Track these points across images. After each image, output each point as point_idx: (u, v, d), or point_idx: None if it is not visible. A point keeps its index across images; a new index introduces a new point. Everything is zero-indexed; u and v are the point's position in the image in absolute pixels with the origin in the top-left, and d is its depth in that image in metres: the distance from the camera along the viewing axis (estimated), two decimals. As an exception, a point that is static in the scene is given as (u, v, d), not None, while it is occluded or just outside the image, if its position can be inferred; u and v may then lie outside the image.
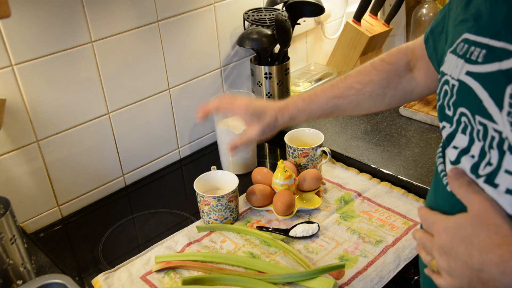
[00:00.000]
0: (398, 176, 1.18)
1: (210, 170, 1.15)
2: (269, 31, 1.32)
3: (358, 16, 1.61)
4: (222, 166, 1.29)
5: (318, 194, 1.16)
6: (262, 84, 1.40)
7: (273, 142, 1.43)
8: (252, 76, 1.42)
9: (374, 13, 1.66)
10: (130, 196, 1.28)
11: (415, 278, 1.00)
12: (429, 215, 0.62)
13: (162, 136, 1.34)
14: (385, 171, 1.21)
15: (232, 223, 1.10)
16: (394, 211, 1.09)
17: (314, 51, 1.71)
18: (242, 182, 1.14)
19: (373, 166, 1.23)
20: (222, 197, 1.05)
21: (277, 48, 1.39)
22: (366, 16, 1.64)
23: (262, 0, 1.45)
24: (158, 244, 1.05)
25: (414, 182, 1.16)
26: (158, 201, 1.24)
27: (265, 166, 1.32)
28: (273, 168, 1.26)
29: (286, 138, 1.24)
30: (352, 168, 1.26)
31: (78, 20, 1.07)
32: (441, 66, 0.78)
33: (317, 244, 1.02)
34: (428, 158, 1.24)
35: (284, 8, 1.36)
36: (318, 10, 1.38)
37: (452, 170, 0.59)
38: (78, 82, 1.12)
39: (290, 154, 1.22)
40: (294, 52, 1.62)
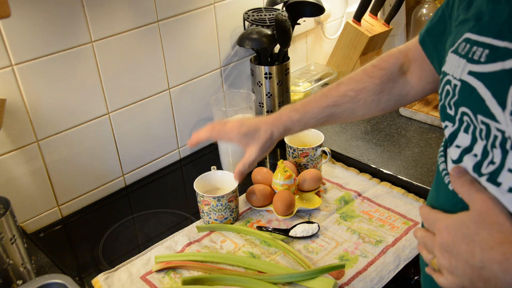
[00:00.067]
0: (398, 176, 1.18)
1: (210, 170, 1.15)
2: (269, 31, 1.32)
3: (358, 16, 1.61)
4: (222, 166, 1.29)
5: (318, 194, 1.16)
6: (262, 84, 1.40)
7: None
8: (252, 76, 1.42)
9: (374, 13, 1.66)
10: (130, 196, 1.28)
11: (415, 278, 1.00)
12: (430, 214, 0.62)
13: (162, 136, 1.34)
14: (385, 171, 1.21)
15: (232, 223, 1.10)
16: (394, 211, 1.09)
17: (314, 51, 1.71)
18: (242, 182, 1.13)
19: (373, 166, 1.23)
20: (222, 197, 1.05)
21: (277, 48, 1.39)
22: (366, 16, 1.64)
23: (262, 0, 1.45)
24: (158, 244, 1.05)
25: (414, 182, 1.16)
26: (158, 201, 1.24)
27: (265, 166, 1.32)
28: (273, 168, 1.26)
29: (286, 138, 1.23)
30: (352, 168, 1.26)
31: (78, 20, 1.07)
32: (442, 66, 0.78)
33: (317, 244, 1.02)
34: (428, 158, 1.24)
35: (284, 8, 1.36)
36: (318, 10, 1.38)
37: (454, 169, 0.59)
38: (78, 82, 1.12)
39: (290, 154, 1.22)
40: (294, 52, 1.62)
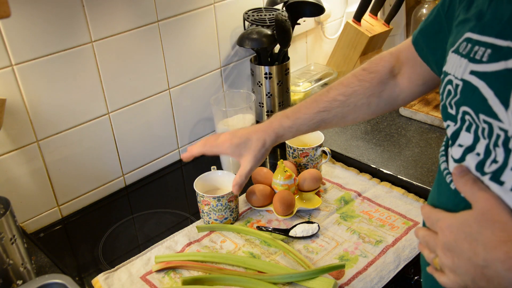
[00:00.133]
0: (398, 176, 1.18)
1: (210, 170, 1.15)
2: (269, 31, 1.32)
3: (358, 16, 1.61)
4: (222, 166, 1.29)
5: (318, 194, 1.16)
6: (262, 84, 1.40)
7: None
8: (252, 76, 1.42)
9: (374, 13, 1.66)
10: (130, 196, 1.28)
11: (415, 278, 1.00)
12: (432, 213, 0.61)
13: (162, 136, 1.34)
14: (385, 171, 1.21)
15: (232, 223, 1.10)
16: (394, 211, 1.09)
17: (314, 51, 1.71)
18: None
19: (373, 166, 1.23)
20: (222, 197, 1.05)
21: (277, 48, 1.39)
22: (366, 16, 1.64)
23: (262, 0, 1.45)
24: (158, 244, 1.05)
25: (414, 182, 1.16)
26: (158, 201, 1.24)
27: (265, 166, 1.32)
28: (273, 168, 1.26)
29: (286, 138, 1.24)
30: (352, 168, 1.26)
31: (78, 20, 1.07)
32: (440, 65, 0.78)
33: (317, 244, 1.02)
34: (428, 158, 1.24)
35: (284, 8, 1.36)
36: (318, 10, 1.38)
37: (457, 168, 0.59)
38: (78, 82, 1.12)
39: (290, 154, 1.22)
40: (294, 52, 1.62)
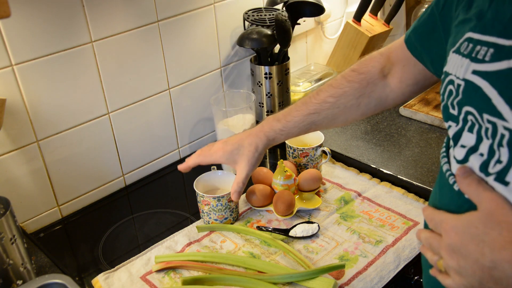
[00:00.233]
0: (398, 176, 1.18)
1: (210, 170, 1.15)
2: (269, 31, 1.32)
3: (358, 16, 1.61)
4: (222, 166, 1.29)
5: (318, 194, 1.16)
6: (262, 84, 1.40)
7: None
8: (252, 76, 1.42)
9: (374, 13, 1.66)
10: (130, 196, 1.28)
11: (415, 278, 1.00)
12: (435, 215, 0.61)
13: (162, 136, 1.34)
14: (385, 171, 1.21)
15: (232, 223, 1.10)
16: (394, 211, 1.09)
17: (314, 51, 1.71)
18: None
19: (373, 166, 1.23)
20: (222, 197, 1.05)
21: (277, 48, 1.39)
22: (366, 16, 1.64)
23: (262, 0, 1.45)
24: (158, 244, 1.05)
25: (414, 182, 1.16)
26: (158, 201, 1.24)
27: (265, 166, 1.32)
28: (273, 168, 1.26)
29: (286, 138, 1.24)
30: (352, 168, 1.26)
31: (78, 20, 1.07)
32: (436, 64, 0.78)
33: (317, 244, 1.02)
34: (428, 158, 1.24)
35: (284, 8, 1.36)
36: (318, 10, 1.38)
37: (460, 169, 0.58)
38: (78, 82, 1.12)
39: (290, 154, 1.22)
40: (294, 52, 1.62)
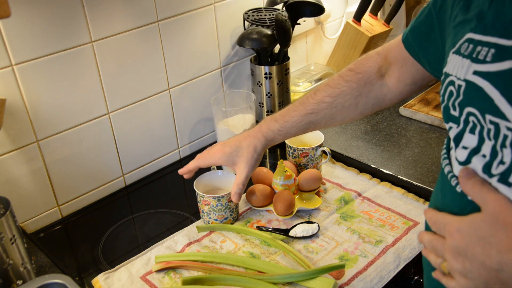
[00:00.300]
0: (398, 176, 1.18)
1: (210, 170, 1.15)
2: (269, 31, 1.32)
3: (358, 16, 1.61)
4: (222, 166, 1.29)
5: (318, 194, 1.16)
6: (262, 84, 1.40)
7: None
8: (252, 76, 1.42)
9: (374, 13, 1.66)
10: (130, 196, 1.28)
11: (415, 278, 1.00)
12: (438, 217, 0.60)
13: (162, 136, 1.34)
14: (385, 171, 1.21)
15: (232, 223, 1.10)
16: (394, 211, 1.09)
17: (314, 51, 1.71)
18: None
19: (373, 166, 1.23)
20: (222, 197, 1.05)
21: (277, 48, 1.39)
22: (366, 16, 1.64)
23: (262, 0, 1.45)
24: (158, 244, 1.05)
25: (414, 182, 1.16)
26: (158, 201, 1.24)
27: (265, 166, 1.32)
28: (273, 168, 1.26)
29: (286, 138, 1.24)
30: (352, 168, 1.26)
31: (78, 20, 1.07)
32: (433, 65, 0.78)
33: (317, 244, 1.02)
34: (428, 158, 1.24)
35: (284, 8, 1.36)
36: (318, 10, 1.38)
37: (463, 170, 0.58)
38: (78, 82, 1.12)
39: (290, 154, 1.22)
40: (294, 52, 1.62)
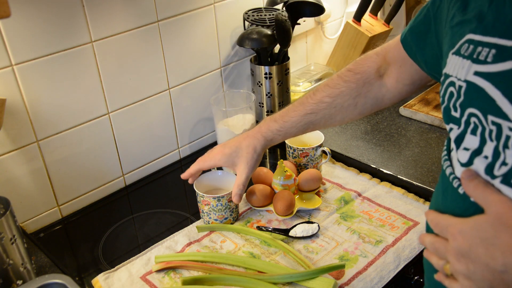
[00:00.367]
0: (398, 176, 1.18)
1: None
2: (269, 31, 1.32)
3: (358, 16, 1.61)
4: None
5: (318, 194, 1.16)
6: (262, 84, 1.40)
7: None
8: (252, 76, 1.42)
9: (374, 13, 1.66)
10: (130, 196, 1.28)
11: (415, 278, 1.00)
12: (440, 219, 0.60)
13: (162, 136, 1.34)
14: (385, 171, 1.21)
15: (232, 223, 1.10)
16: (394, 211, 1.09)
17: (314, 51, 1.71)
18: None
19: (373, 166, 1.23)
20: (222, 197, 1.05)
21: (277, 48, 1.39)
22: (366, 16, 1.64)
23: (262, 0, 1.45)
24: (158, 244, 1.05)
25: (414, 182, 1.16)
26: (158, 201, 1.24)
27: (265, 166, 1.32)
28: (273, 168, 1.26)
29: (286, 138, 1.24)
30: (352, 168, 1.26)
31: (78, 20, 1.07)
32: (429, 65, 0.78)
33: (317, 244, 1.02)
34: (428, 158, 1.24)
35: (284, 8, 1.36)
36: (318, 10, 1.38)
37: (465, 172, 0.57)
38: (78, 82, 1.12)
39: (290, 154, 1.22)
40: (294, 52, 1.62)
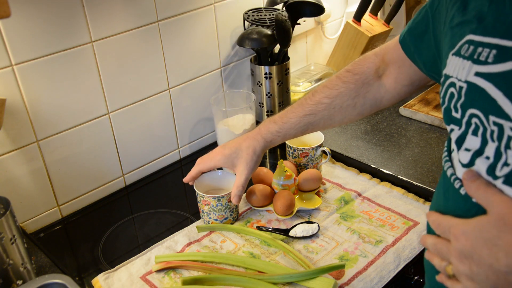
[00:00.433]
0: (398, 176, 1.18)
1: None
2: (269, 31, 1.32)
3: (358, 16, 1.61)
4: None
5: (318, 194, 1.16)
6: (262, 84, 1.40)
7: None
8: (252, 76, 1.42)
9: (374, 13, 1.66)
10: (130, 196, 1.28)
11: (415, 278, 1.00)
12: (442, 220, 0.60)
13: (162, 136, 1.34)
14: (385, 171, 1.21)
15: (232, 223, 1.10)
16: (394, 211, 1.09)
17: (314, 51, 1.71)
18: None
19: (373, 166, 1.23)
20: (222, 197, 1.05)
21: (277, 48, 1.39)
22: (366, 16, 1.64)
23: (262, 0, 1.45)
24: (158, 244, 1.05)
25: (414, 182, 1.16)
26: (158, 201, 1.24)
27: (265, 166, 1.32)
28: (273, 168, 1.26)
29: (286, 138, 1.24)
30: (352, 168, 1.26)
31: (78, 20, 1.07)
32: (428, 66, 0.78)
33: (317, 244, 1.02)
34: (428, 158, 1.24)
35: (284, 8, 1.36)
36: (318, 10, 1.38)
37: (466, 173, 0.57)
38: (78, 82, 1.12)
39: (290, 154, 1.22)
40: (294, 52, 1.62)
